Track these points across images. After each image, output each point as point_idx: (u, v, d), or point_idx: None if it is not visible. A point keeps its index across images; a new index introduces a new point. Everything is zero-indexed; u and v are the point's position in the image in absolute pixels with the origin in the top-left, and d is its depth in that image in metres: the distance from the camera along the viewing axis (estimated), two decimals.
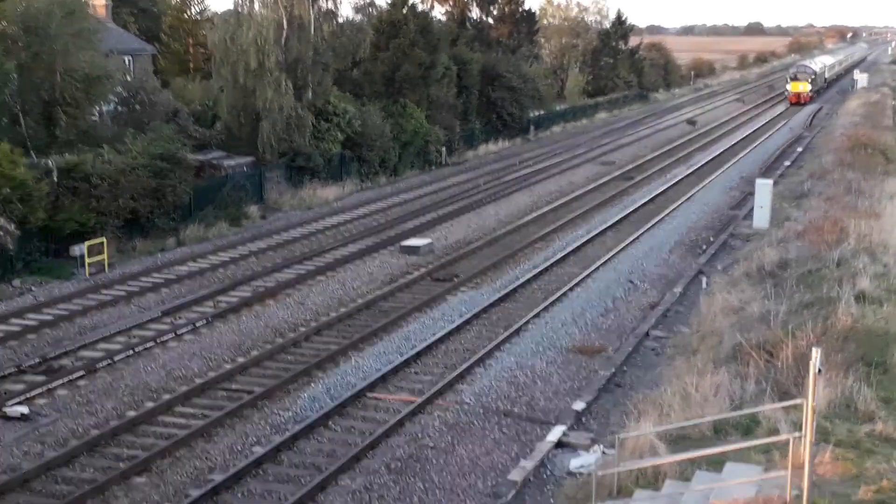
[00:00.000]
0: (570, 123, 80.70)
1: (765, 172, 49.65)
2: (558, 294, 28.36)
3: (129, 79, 45.64)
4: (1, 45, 32.77)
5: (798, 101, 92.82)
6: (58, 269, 31.07)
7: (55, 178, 32.38)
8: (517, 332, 24.90)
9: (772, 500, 12.62)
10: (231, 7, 47.13)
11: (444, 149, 57.43)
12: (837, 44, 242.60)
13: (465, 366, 22.14)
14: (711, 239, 36.32)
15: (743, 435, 15.74)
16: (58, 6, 36.20)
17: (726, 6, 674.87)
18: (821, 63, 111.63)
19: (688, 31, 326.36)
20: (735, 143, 66.27)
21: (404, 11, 55.57)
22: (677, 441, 15.94)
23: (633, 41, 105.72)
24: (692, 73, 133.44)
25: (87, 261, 31.00)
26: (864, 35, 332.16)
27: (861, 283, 23.44)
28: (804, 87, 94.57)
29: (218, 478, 16.58)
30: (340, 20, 51.42)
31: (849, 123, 66.65)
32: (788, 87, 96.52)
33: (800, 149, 60.55)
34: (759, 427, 15.84)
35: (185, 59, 63.01)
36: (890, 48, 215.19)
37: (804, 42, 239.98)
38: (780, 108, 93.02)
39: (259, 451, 17.72)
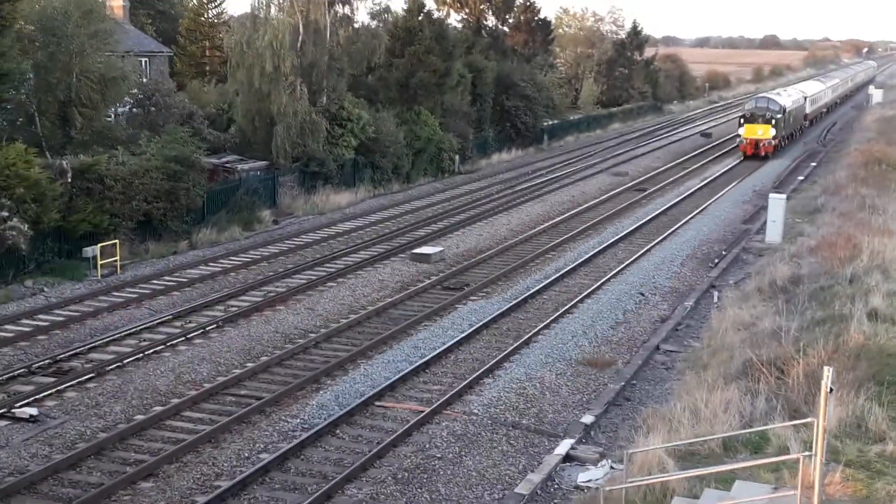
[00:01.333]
0: (584, 133, 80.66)
1: (778, 187, 49.51)
2: (569, 305, 28.29)
3: (144, 80, 45.80)
4: (18, 45, 32.90)
5: (755, 153, 63.08)
6: (70, 270, 31.15)
7: (69, 179, 32.47)
8: (527, 342, 24.84)
9: None
10: (248, 11, 47.30)
11: (457, 157, 57.45)
12: (852, 59, 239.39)
13: (473, 376, 22.09)
14: (723, 252, 36.19)
15: (753, 452, 15.66)
16: (75, 6, 36.37)
17: (742, 18, 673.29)
18: (797, 94, 74.81)
19: (703, 42, 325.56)
20: None
21: (420, 18, 55.67)
22: (686, 457, 15.85)
23: (649, 52, 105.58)
24: (707, 85, 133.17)
25: (100, 262, 31.10)
26: (879, 50, 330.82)
27: (874, 300, 23.29)
28: (764, 133, 63.05)
29: (224, 484, 16.57)
30: (356, 26, 51.56)
31: (863, 139, 66.36)
32: (741, 131, 64.48)
33: (813, 163, 60.33)
34: (769, 445, 15.75)
35: (201, 61, 63.20)
36: None
37: (820, 56, 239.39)
38: None
39: (266, 457, 17.70)
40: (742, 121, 64.62)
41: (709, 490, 14.19)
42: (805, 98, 75.62)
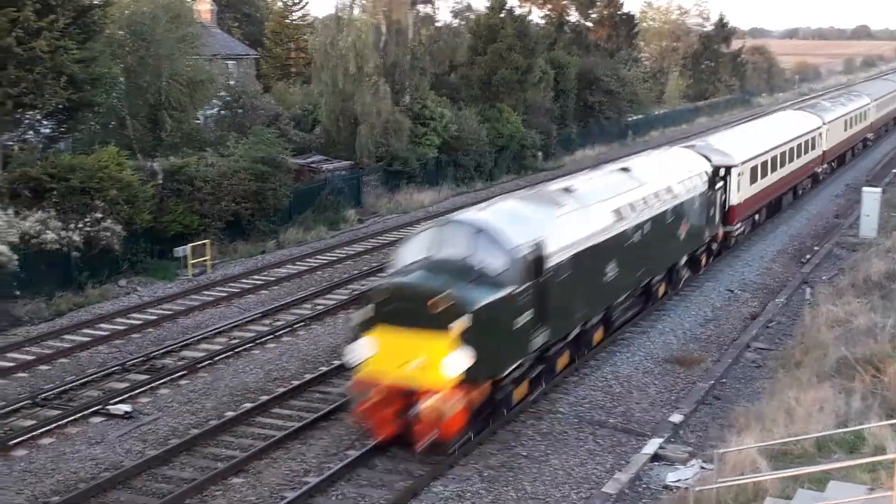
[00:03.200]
0: (669, 128, 79.54)
1: (871, 180, 48.15)
2: (656, 303, 27.89)
3: (231, 83, 46.60)
4: (108, 50, 33.75)
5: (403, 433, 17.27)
6: (162, 269, 31.86)
7: (160, 181, 33.21)
8: (613, 340, 24.55)
9: None
10: (332, 12, 47.80)
11: (539, 153, 57.18)
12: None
13: (559, 373, 21.91)
14: (815, 248, 35.35)
15: (848, 453, 15.24)
16: (163, 11, 37.20)
17: (832, 8, 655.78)
18: (654, 184, 25.83)
19: (792, 33, 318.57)
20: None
21: (502, 15, 55.57)
22: (779, 457, 15.50)
23: (736, 44, 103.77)
24: (797, 77, 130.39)
25: (191, 262, 31.71)
26: None
27: None
28: (431, 365, 16.63)
29: (312, 480, 16.73)
30: (438, 24, 51.71)
31: None
32: (352, 354, 17.57)
33: None
34: (864, 445, 15.32)
35: (286, 63, 64.15)
36: None
37: None
38: None
39: (353, 454, 17.80)
40: (364, 325, 17.57)
41: (802, 491, 13.87)
42: (713, 175, 30.48)
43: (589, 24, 78.66)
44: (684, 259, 28.85)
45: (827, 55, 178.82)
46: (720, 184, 31.32)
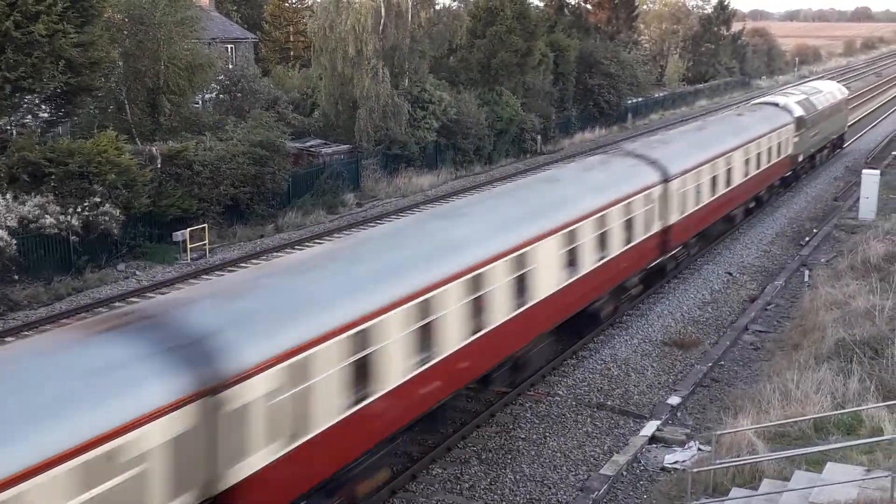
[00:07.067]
0: (669, 111, 79.49)
1: (871, 162, 48.09)
2: (654, 286, 27.90)
3: (230, 67, 46.50)
4: (106, 34, 33.65)
5: None
6: (161, 253, 31.86)
7: (159, 165, 33.17)
8: (611, 323, 24.60)
9: (874, 501, 12.26)
10: None
11: (539, 137, 57.08)
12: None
13: (557, 358, 21.97)
14: (814, 230, 35.35)
15: (845, 434, 15.31)
16: None
17: None
18: None
19: (792, 16, 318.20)
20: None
21: None
22: (776, 439, 15.57)
23: (736, 27, 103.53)
24: (796, 59, 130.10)
25: (189, 246, 31.71)
26: None
27: None
28: None
29: None
30: (437, 7, 51.49)
31: None
32: None
33: None
34: (862, 426, 15.39)
35: (285, 47, 63.97)
36: None
37: None
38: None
39: None
40: None
41: (799, 472, 13.94)
42: None
43: (589, 6, 78.35)
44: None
45: (827, 37, 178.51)
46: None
